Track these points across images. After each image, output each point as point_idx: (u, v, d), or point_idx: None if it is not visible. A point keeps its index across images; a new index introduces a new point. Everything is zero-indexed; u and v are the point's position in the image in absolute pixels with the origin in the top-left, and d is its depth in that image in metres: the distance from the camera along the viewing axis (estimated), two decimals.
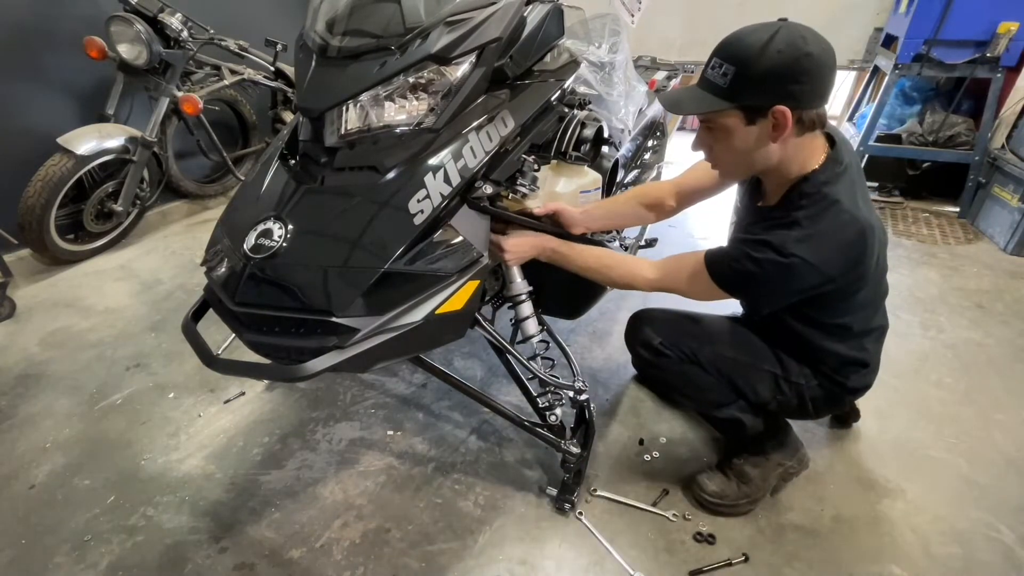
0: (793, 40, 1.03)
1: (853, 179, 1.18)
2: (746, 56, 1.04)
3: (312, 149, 1.21)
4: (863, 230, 1.13)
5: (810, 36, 1.05)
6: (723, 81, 1.08)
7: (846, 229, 1.13)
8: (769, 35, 1.03)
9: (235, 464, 1.66)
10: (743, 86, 1.06)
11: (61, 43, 2.68)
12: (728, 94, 1.08)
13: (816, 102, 1.09)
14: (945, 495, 1.57)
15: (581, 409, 1.55)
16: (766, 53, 1.03)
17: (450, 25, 1.16)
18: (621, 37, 1.95)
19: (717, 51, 1.09)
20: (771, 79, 1.05)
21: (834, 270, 1.14)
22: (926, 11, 3.12)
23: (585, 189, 1.41)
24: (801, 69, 1.04)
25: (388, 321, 1.12)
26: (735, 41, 1.07)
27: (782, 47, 1.03)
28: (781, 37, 1.03)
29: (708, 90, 1.11)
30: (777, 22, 1.06)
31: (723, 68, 1.07)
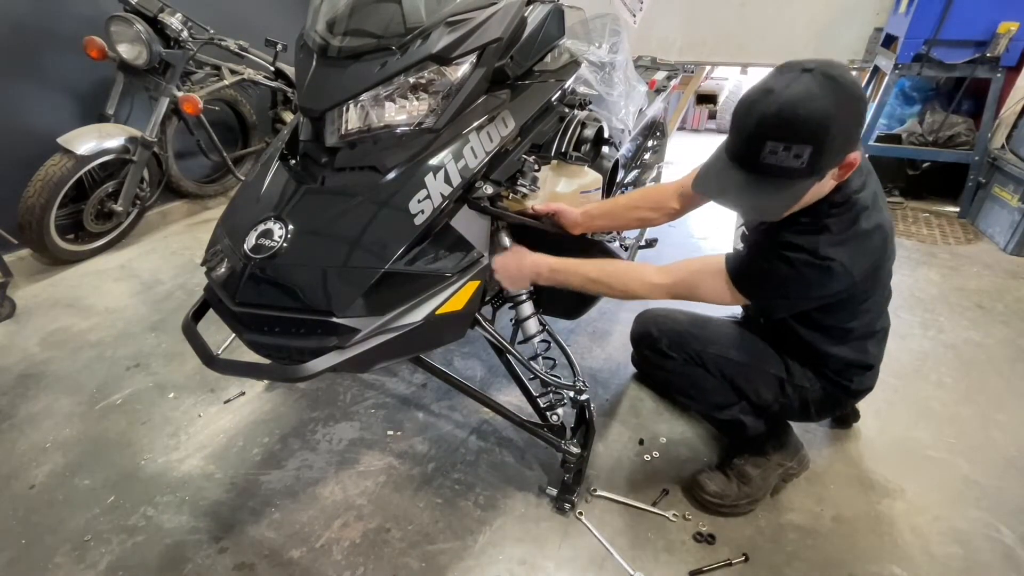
0: (848, 87, 0.95)
1: (874, 181, 1.17)
2: (822, 130, 0.94)
3: (313, 149, 1.21)
4: (885, 234, 1.13)
5: (848, 73, 0.98)
6: (799, 163, 0.96)
7: (873, 235, 1.12)
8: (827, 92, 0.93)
9: (235, 464, 1.66)
10: (824, 158, 0.97)
11: (61, 43, 2.68)
12: (808, 172, 0.98)
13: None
14: (945, 495, 1.57)
15: (581, 409, 1.55)
16: (839, 116, 0.94)
17: (451, 25, 1.16)
18: (621, 37, 1.95)
19: (770, 132, 0.96)
20: (847, 137, 0.98)
21: (860, 274, 1.13)
22: (926, 11, 3.12)
23: (585, 189, 1.41)
24: (864, 113, 1.00)
25: (388, 321, 1.12)
26: (791, 116, 0.94)
27: (847, 103, 0.95)
28: (838, 89, 0.94)
29: (781, 176, 0.98)
30: (810, 68, 0.96)
31: (793, 150, 0.95)
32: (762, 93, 0.97)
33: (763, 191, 1.01)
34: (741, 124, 1.01)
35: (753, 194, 1.02)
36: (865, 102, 0.99)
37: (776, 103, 0.94)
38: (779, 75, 0.98)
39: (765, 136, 0.96)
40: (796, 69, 0.97)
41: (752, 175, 1.01)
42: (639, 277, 1.27)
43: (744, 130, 1.00)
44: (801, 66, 0.96)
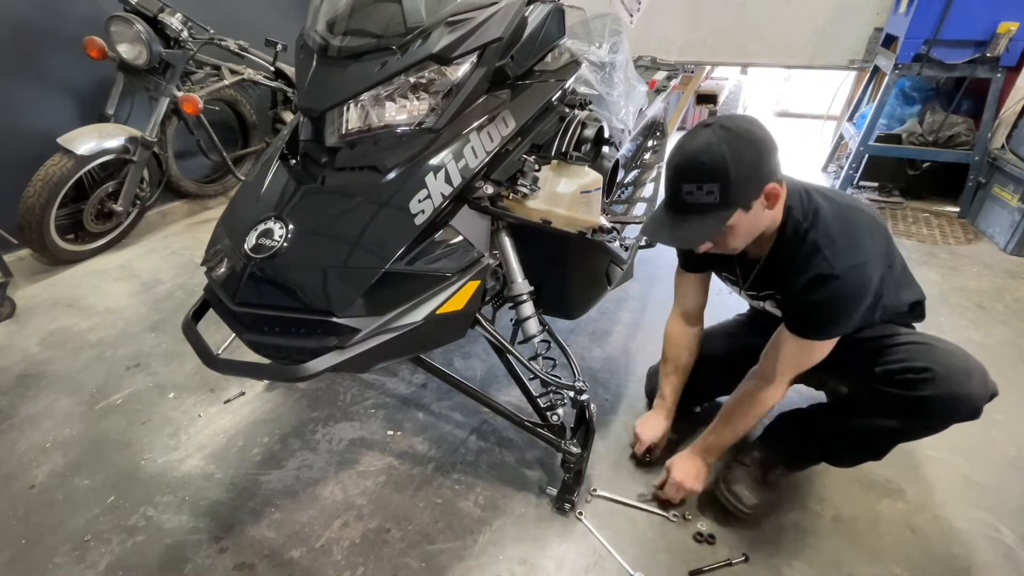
0: (740, 134, 1.12)
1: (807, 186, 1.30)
2: (721, 169, 1.11)
3: (313, 149, 1.21)
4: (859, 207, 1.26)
5: (746, 121, 1.16)
6: (712, 198, 1.14)
7: (858, 215, 1.24)
8: (720, 139, 1.12)
9: (235, 464, 1.66)
10: (732, 192, 1.13)
11: (61, 43, 2.68)
12: (722, 205, 1.14)
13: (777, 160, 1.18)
14: (945, 495, 1.57)
15: (581, 409, 1.55)
16: (735, 157, 1.11)
17: (451, 25, 1.16)
18: (621, 37, 1.95)
19: (683, 176, 1.16)
20: (753, 171, 1.14)
21: (879, 248, 1.24)
22: (926, 11, 3.12)
23: (586, 189, 1.41)
24: (764, 153, 1.14)
25: (389, 321, 1.12)
26: (696, 162, 1.14)
27: (739, 145, 1.12)
28: (729, 136, 1.12)
29: (701, 212, 1.16)
30: (709, 124, 1.15)
31: (705, 188, 1.13)
32: (676, 150, 1.19)
33: (683, 222, 1.20)
34: (667, 175, 1.22)
35: (679, 227, 1.20)
36: (762, 142, 1.14)
37: (684, 154, 1.17)
38: (688, 133, 1.20)
39: (681, 180, 1.16)
40: (699, 126, 1.17)
41: (678, 213, 1.20)
42: (765, 403, 1.38)
43: (668, 179, 1.21)
44: (704, 123, 1.17)
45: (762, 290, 1.43)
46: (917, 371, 1.23)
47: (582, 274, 1.79)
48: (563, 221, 1.39)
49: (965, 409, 1.23)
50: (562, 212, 1.38)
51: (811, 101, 6.42)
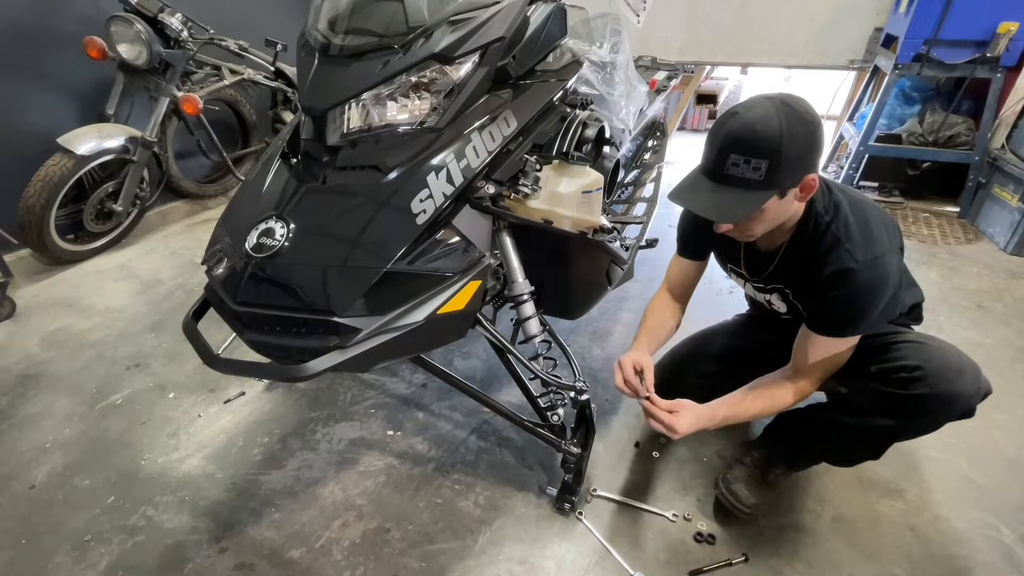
0: (801, 115, 1.08)
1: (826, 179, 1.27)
2: (775, 146, 1.06)
3: (314, 148, 1.21)
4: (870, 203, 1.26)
5: (806, 104, 1.11)
6: (757, 175, 1.09)
7: (871, 209, 1.25)
8: (781, 116, 1.06)
9: (235, 464, 1.66)
10: (779, 174, 1.08)
11: (61, 43, 2.68)
12: (766, 185, 1.10)
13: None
14: (945, 495, 1.57)
15: (582, 409, 1.55)
16: (791, 137, 1.06)
17: (453, 24, 1.16)
18: (622, 37, 1.95)
19: (733, 146, 1.09)
20: (801, 158, 1.09)
21: (895, 242, 1.24)
22: (926, 11, 3.12)
23: (587, 189, 1.41)
24: (817, 140, 1.11)
25: (389, 321, 1.12)
26: (750, 133, 1.07)
27: (799, 127, 1.07)
28: (791, 114, 1.07)
29: (742, 187, 1.11)
30: (771, 97, 1.10)
31: (752, 163, 1.08)
32: (728, 115, 1.12)
33: (726, 196, 1.13)
34: (711, 140, 1.15)
35: (717, 198, 1.14)
36: (818, 128, 1.10)
37: (739, 122, 1.09)
38: (746, 102, 1.13)
39: (729, 150, 1.10)
40: (760, 97, 1.12)
41: (718, 183, 1.14)
42: (796, 393, 1.33)
43: (713, 145, 1.14)
44: (765, 95, 1.11)
45: (771, 283, 1.40)
46: (909, 370, 1.23)
47: (583, 274, 1.79)
48: (564, 221, 1.39)
49: (957, 407, 1.23)
50: (563, 212, 1.38)
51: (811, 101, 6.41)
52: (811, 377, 1.32)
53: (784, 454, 1.51)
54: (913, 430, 1.30)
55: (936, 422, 1.27)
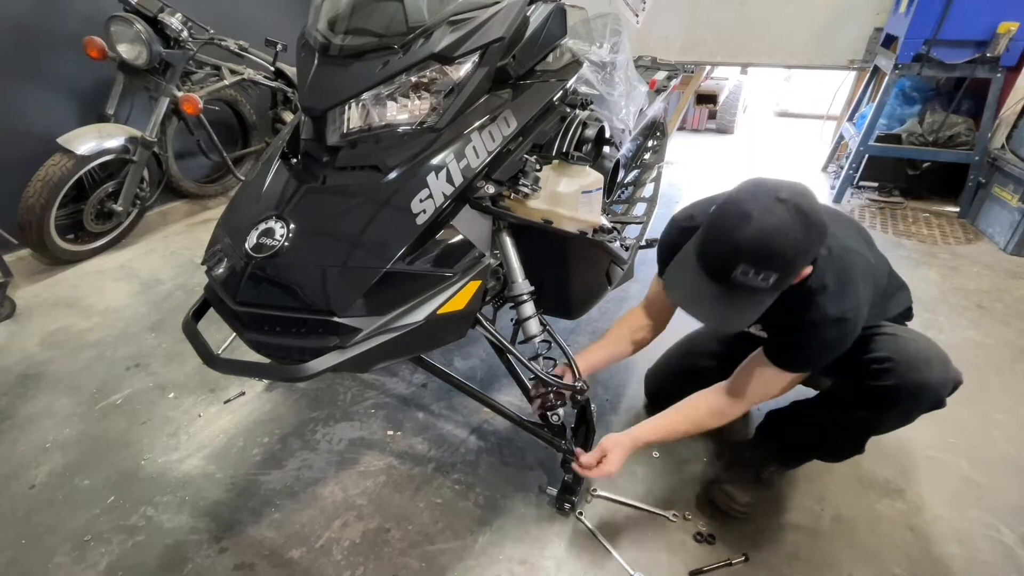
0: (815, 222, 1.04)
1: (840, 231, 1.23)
2: (790, 260, 1.04)
3: (314, 148, 1.21)
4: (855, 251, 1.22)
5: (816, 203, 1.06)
6: (765, 284, 1.06)
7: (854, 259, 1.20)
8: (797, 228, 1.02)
9: (235, 464, 1.66)
10: (787, 280, 1.08)
11: (61, 43, 2.68)
12: (772, 291, 1.08)
13: None
14: (945, 495, 1.57)
15: (582, 409, 1.55)
16: (805, 249, 1.05)
17: (453, 24, 1.16)
18: (622, 37, 1.95)
19: (745, 257, 1.03)
20: (806, 261, 1.08)
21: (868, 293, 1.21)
22: (926, 11, 3.12)
23: (587, 189, 1.41)
24: (822, 240, 1.08)
25: (389, 321, 1.12)
26: (765, 248, 1.02)
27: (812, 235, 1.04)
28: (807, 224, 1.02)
29: (747, 292, 1.08)
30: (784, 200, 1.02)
31: (762, 275, 1.04)
32: (740, 218, 1.04)
33: (730, 304, 1.11)
34: (717, 244, 1.09)
35: (721, 306, 1.11)
36: (826, 229, 1.07)
37: (752, 231, 1.02)
38: (754, 199, 1.05)
39: (739, 260, 1.04)
40: (771, 196, 1.03)
41: (722, 288, 1.10)
42: (715, 413, 1.34)
43: (720, 250, 1.08)
44: (776, 193, 1.03)
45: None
46: (880, 361, 1.24)
47: (583, 274, 1.79)
48: (564, 221, 1.39)
49: (926, 397, 1.24)
50: (563, 212, 1.38)
51: (811, 101, 6.43)
52: (743, 401, 1.32)
53: (775, 452, 1.52)
54: (888, 422, 1.31)
55: (908, 412, 1.28)
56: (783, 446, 1.51)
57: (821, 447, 1.45)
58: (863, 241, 1.31)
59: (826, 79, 5.10)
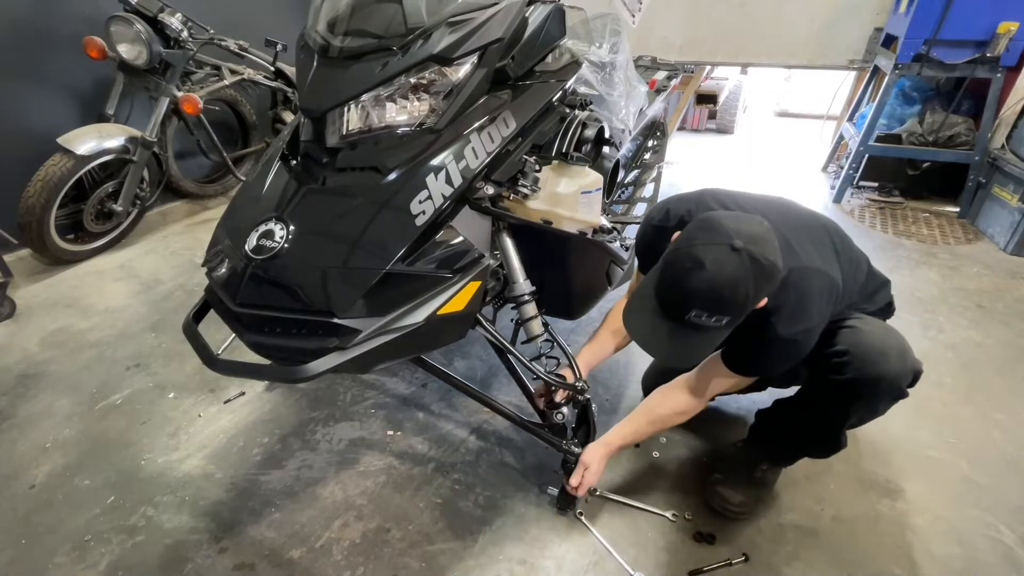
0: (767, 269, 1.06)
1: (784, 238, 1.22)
2: (741, 305, 1.08)
3: (313, 149, 1.21)
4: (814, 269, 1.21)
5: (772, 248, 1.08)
6: (718, 324, 1.10)
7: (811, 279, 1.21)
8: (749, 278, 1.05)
9: (235, 464, 1.66)
10: (739, 320, 1.12)
11: (61, 43, 2.68)
12: (727, 328, 1.12)
13: None
14: (945, 495, 1.57)
15: (583, 409, 1.55)
16: (756, 294, 1.08)
17: (452, 26, 1.16)
18: (622, 37, 1.95)
19: (697, 303, 1.07)
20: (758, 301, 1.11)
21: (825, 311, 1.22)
22: (926, 11, 3.12)
23: (586, 189, 1.41)
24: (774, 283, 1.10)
25: (389, 322, 1.12)
26: (716, 296, 1.06)
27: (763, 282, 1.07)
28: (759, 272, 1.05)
29: (701, 331, 1.12)
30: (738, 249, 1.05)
31: (715, 318, 1.09)
32: (694, 265, 1.07)
33: (683, 342, 1.15)
34: (672, 289, 1.12)
35: (674, 343, 1.15)
36: (779, 271, 1.09)
37: (705, 281, 1.06)
38: (708, 247, 1.07)
39: (692, 305, 1.08)
40: (725, 245, 1.06)
41: (676, 326, 1.14)
42: (677, 411, 1.40)
43: (674, 295, 1.12)
44: (730, 241, 1.06)
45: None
46: (839, 355, 1.24)
47: (583, 274, 1.79)
48: (564, 221, 1.39)
49: (884, 389, 1.24)
50: (563, 212, 1.38)
51: (811, 101, 6.43)
52: (702, 399, 1.39)
53: (765, 451, 1.53)
54: (854, 415, 1.31)
55: (871, 405, 1.28)
56: (771, 444, 1.52)
57: (804, 443, 1.46)
58: (831, 249, 1.30)
59: (826, 79, 5.10)
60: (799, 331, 1.18)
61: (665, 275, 1.14)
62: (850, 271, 1.32)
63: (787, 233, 1.22)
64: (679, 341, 1.14)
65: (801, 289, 1.19)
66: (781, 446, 1.50)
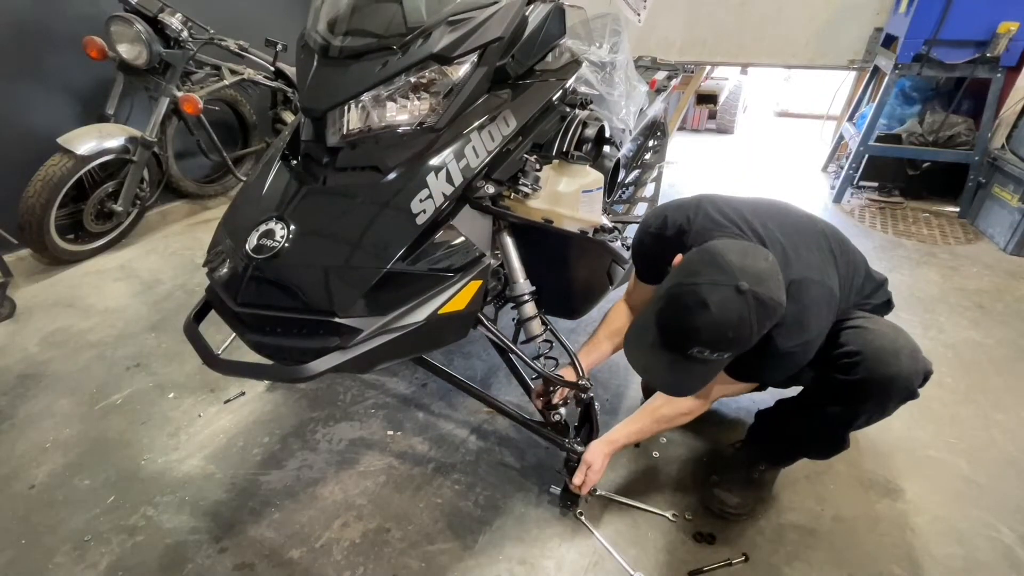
0: (770, 308, 1.07)
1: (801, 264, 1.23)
2: (744, 341, 1.09)
3: (314, 149, 1.21)
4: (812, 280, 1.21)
5: (777, 286, 1.09)
6: (720, 358, 1.13)
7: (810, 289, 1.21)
8: (753, 319, 1.06)
9: (235, 464, 1.66)
10: (739, 354, 1.14)
11: (61, 43, 2.68)
12: (728, 361, 1.16)
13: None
14: (945, 495, 1.57)
15: (586, 407, 1.54)
16: (756, 334, 1.09)
17: (452, 25, 1.17)
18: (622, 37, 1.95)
19: (700, 342, 1.09)
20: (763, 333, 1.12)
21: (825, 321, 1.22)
22: (926, 11, 3.12)
23: (587, 188, 1.41)
24: (775, 316, 1.10)
25: (390, 322, 1.12)
26: (719, 335, 1.07)
27: (767, 320, 1.09)
28: (762, 312, 1.07)
29: (703, 363, 1.14)
30: (743, 292, 1.05)
31: (716, 354, 1.11)
32: (697, 305, 1.07)
33: (686, 372, 1.16)
34: (674, 325, 1.13)
35: (675, 375, 1.18)
36: (783, 307, 1.10)
37: (710, 323, 1.06)
38: (713, 287, 1.07)
39: (695, 342, 1.10)
40: (731, 285, 1.06)
41: (677, 357, 1.15)
42: (682, 412, 1.40)
43: (677, 331, 1.13)
44: (735, 282, 1.06)
45: None
46: (850, 355, 1.23)
47: (584, 273, 1.79)
48: (565, 220, 1.39)
49: (897, 390, 1.23)
50: (564, 211, 1.38)
51: (811, 101, 6.43)
52: (707, 401, 1.41)
53: (764, 451, 1.53)
54: (862, 415, 1.30)
55: (881, 405, 1.27)
56: (771, 445, 1.52)
57: (805, 444, 1.45)
58: (828, 254, 1.30)
59: (826, 79, 5.10)
60: (798, 344, 1.19)
61: (668, 311, 1.15)
62: (848, 275, 1.32)
63: (784, 240, 1.23)
64: (679, 372, 1.16)
65: (800, 302, 1.18)
66: (781, 446, 1.50)
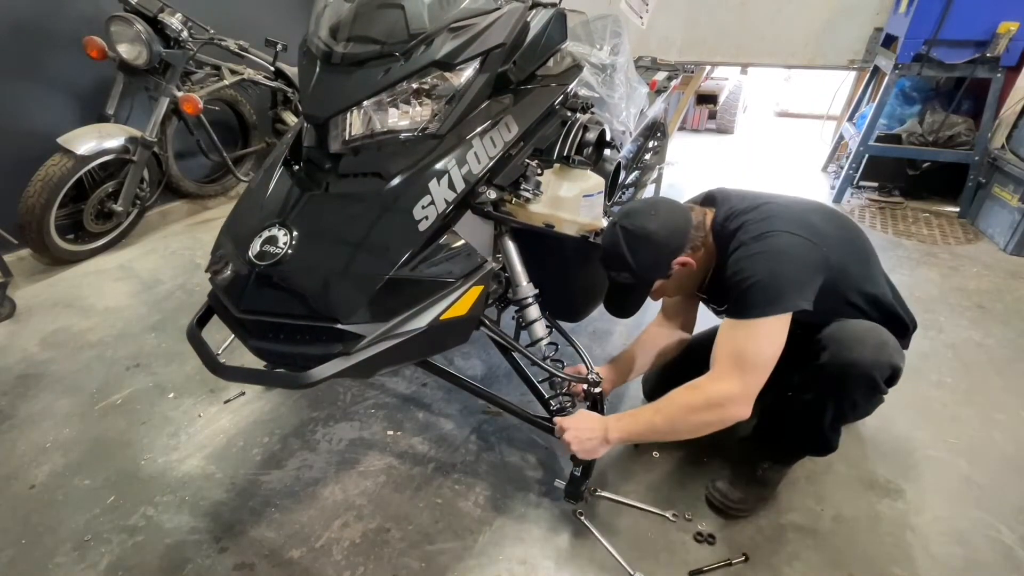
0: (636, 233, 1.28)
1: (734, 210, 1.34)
2: (623, 262, 1.30)
3: (317, 155, 1.21)
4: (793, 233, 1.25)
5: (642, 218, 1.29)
6: (628, 279, 1.35)
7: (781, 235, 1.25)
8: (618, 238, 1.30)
9: (235, 464, 1.66)
10: (644, 274, 1.33)
11: (61, 43, 2.67)
12: (641, 282, 1.36)
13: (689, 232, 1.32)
14: (945, 495, 1.58)
15: (595, 402, 1.54)
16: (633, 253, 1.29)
17: (454, 31, 1.17)
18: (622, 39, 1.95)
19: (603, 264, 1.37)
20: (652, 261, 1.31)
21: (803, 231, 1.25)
22: (926, 11, 3.12)
23: (588, 193, 1.41)
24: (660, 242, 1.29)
25: (393, 328, 1.13)
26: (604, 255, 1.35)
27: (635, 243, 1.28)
28: (627, 236, 1.29)
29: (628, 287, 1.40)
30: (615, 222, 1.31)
31: (621, 274, 1.35)
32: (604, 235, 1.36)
33: (622, 298, 1.47)
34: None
35: (617, 300, 1.49)
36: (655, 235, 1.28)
37: (601, 247, 1.36)
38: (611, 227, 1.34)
39: (606, 267, 1.37)
40: (610, 224, 1.35)
41: (615, 289, 1.46)
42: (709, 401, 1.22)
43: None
44: (612, 220, 1.34)
45: (721, 304, 1.48)
46: (819, 343, 1.27)
47: (585, 276, 1.79)
48: (566, 225, 1.39)
49: (854, 376, 1.22)
50: (565, 216, 1.38)
51: (811, 101, 6.43)
52: (723, 370, 1.22)
53: (767, 449, 1.53)
54: (829, 405, 1.29)
55: (844, 394, 1.27)
56: (773, 442, 1.52)
57: (794, 439, 1.47)
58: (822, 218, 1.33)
59: (826, 79, 5.10)
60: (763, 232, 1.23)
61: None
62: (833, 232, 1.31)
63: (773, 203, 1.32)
64: (616, 296, 1.48)
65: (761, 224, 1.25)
66: (781, 443, 1.50)
